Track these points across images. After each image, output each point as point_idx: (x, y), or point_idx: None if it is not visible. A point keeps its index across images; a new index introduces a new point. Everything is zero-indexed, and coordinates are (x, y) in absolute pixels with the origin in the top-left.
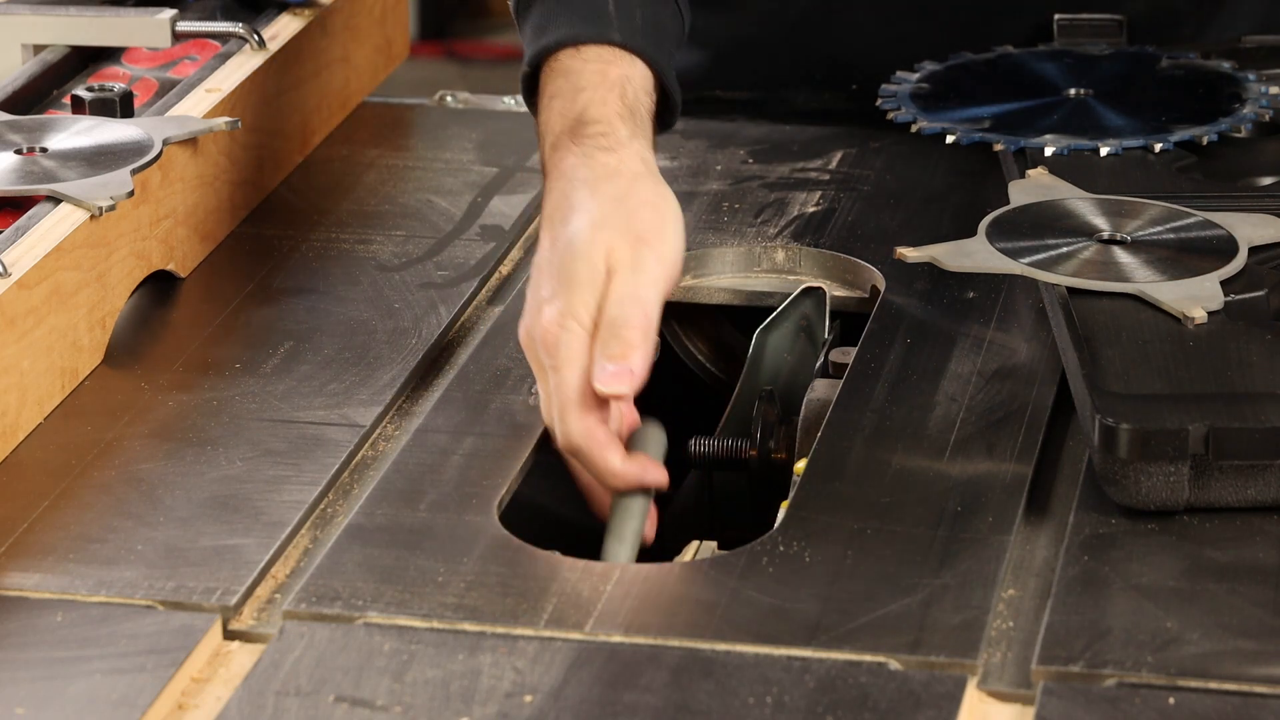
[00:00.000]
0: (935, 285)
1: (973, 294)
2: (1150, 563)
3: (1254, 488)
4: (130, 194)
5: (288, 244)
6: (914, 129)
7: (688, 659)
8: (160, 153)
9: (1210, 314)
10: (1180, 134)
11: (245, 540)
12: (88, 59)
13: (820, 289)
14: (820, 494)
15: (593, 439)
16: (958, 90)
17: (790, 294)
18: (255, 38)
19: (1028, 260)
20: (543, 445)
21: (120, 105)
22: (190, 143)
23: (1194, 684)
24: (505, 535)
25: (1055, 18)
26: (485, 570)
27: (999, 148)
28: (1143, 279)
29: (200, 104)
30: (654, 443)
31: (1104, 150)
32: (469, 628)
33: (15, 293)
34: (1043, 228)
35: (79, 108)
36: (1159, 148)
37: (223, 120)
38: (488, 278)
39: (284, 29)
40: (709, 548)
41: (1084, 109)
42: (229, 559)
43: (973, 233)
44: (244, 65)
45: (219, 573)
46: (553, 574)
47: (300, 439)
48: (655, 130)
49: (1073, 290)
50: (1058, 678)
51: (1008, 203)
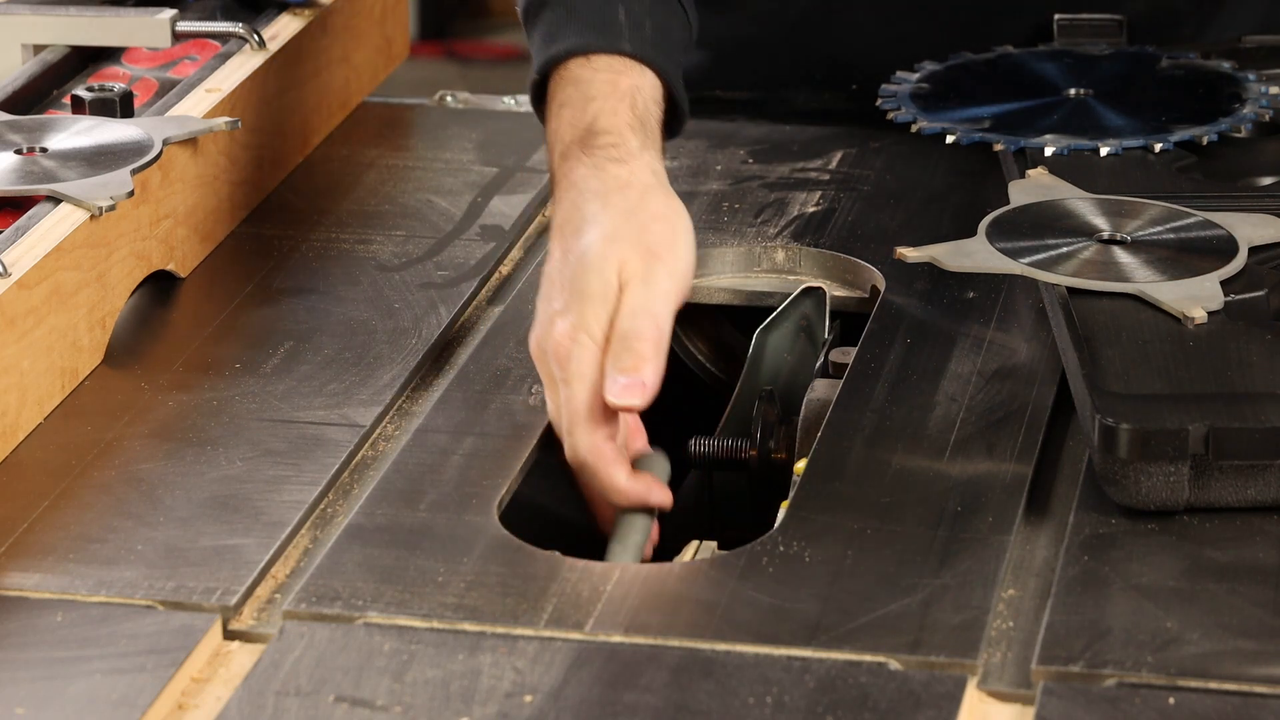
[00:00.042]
0: (935, 285)
1: (973, 294)
2: (1150, 563)
3: (1254, 488)
4: (130, 194)
5: (288, 244)
6: (914, 129)
7: (688, 659)
8: (160, 153)
9: (1210, 314)
10: (1180, 134)
11: (245, 540)
12: (88, 59)
13: (820, 289)
14: (820, 494)
15: (599, 455)
16: (958, 90)
17: (790, 294)
18: (255, 38)
19: (1028, 260)
20: (543, 445)
21: (120, 105)
22: (190, 143)
23: (1194, 684)
24: (505, 535)
25: (1055, 18)
26: (485, 570)
27: (999, 148)
28: (1143, 279)
29: (200, 104)
30: (659, 467)
31: (1104, 150)
32: (469, 628)
33: (15, 293)
34: (1043, 228)
35: (79, 108)
36: (1159, 148)
37: (223, 120)
38: (488, 278)
39: (284, 29)
40: (709, 548)
41: (1084, 109)
42: (229, 559)
43: (973, 233)
44: (244, 65)
45: (219, 573)
46: (553, 574)
47: (300, 439)
48: (664, 138)
49: (1073, 290)
50: (1058, 678)
51: (1008, 203)
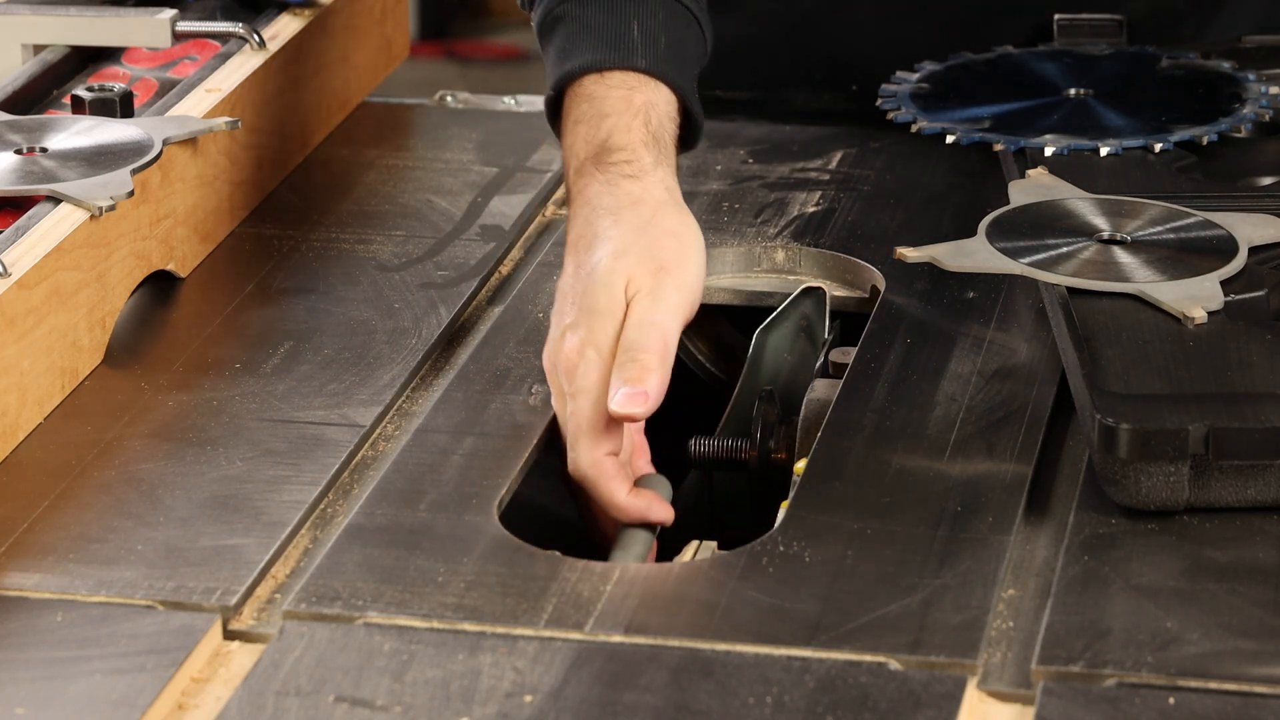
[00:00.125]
0: (935, 285)
1: (973, 294)
2: (1150, 563)
3: (1254, 488)
4: (130, 194)
5: (288, 244)
6: (914, 129)
7: (688, 659)
8: (160, 153)
9: (1210, 314)
10: (1180, 134)
11: (245, 540)
12: (88, 59)
13: (820, 289)
14: (820, 494)
15: (600, 469)
16: (958, 90)
17: (790, 294)
18: (255, 38)
19: (1028, 260)
20: (543, 445)
21: (120, 105)
22: (190, 143)
23: (1194, 684)
24: (505, 535)
25: (1055, 18)
26: (485, 570)
27: (999, 148)
28: (1143, 279)
29: (200, 104)
30: (661, 486)
31: (1104, 150)
32: (469, 628)
33: (15, 293)
34: (1043, 228)
35: (79, 108)
36: (1159, 148)
37: (223, 120)
38: (488, 278)
39: (284, 29)
40: (709, 548)
41: (1084, 109)
42: (229, 559)
43: (973, 233)
44: (244, 65)
45: (219, 573)
46: (553, 574)
47: (300, 439)
48: (678, 151)
49: (1073, 290)
50: (1058, 678)
51: (1008, 203)
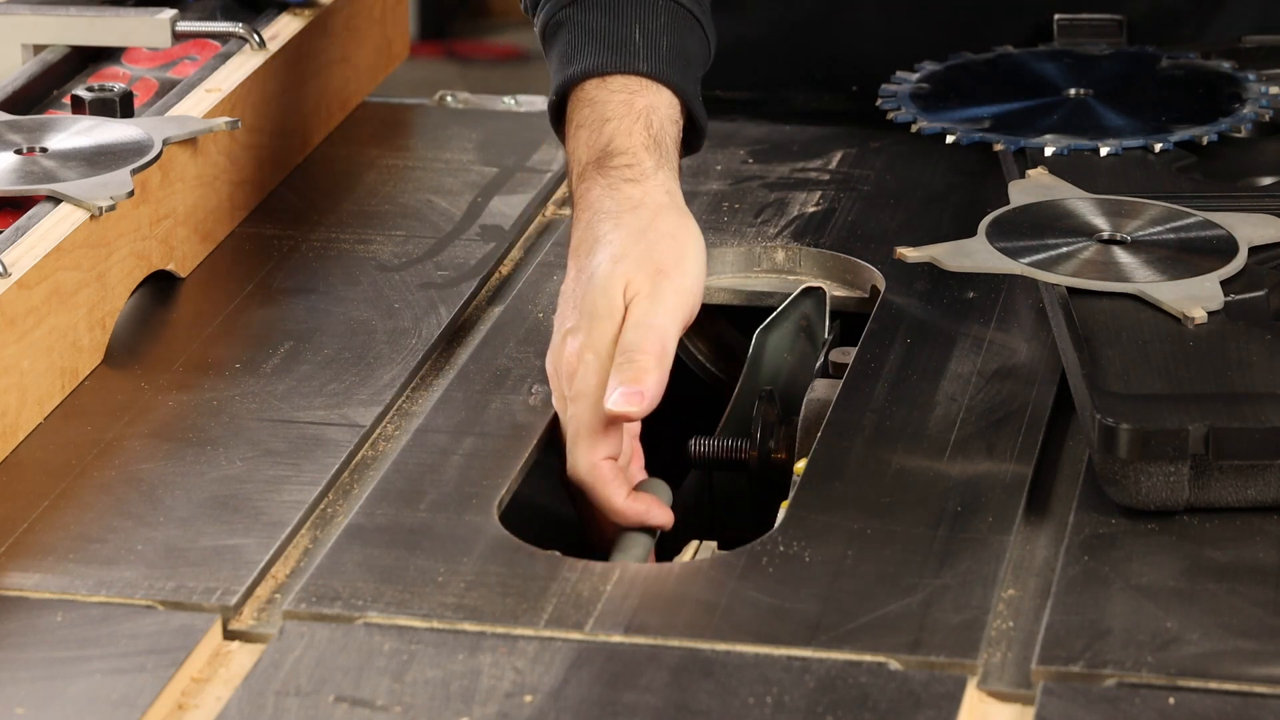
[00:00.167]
0: (935, 285)
1: (973, 294)
2: (1150, 563)
3: (1254, 488)
4: (130, 194)
5: (288, 244)
6: (914, 129)
7: (688, 659)
8: (160, 153)
9: (1210, 314)
10: (1180, 134)
11: (245, 540)
12: (88, 59)
13: (820, 289)
14: (820, 494)
15: (598, 473)
16: (958, 90)
17: (790, 294)
18: (255, 38)
19: (1028, 260)
20: (543, 445)
21: (120, 105)
22: (190, 143)
23: (1194, 684)
24: (505, 535)
25: (1055, 18)
26: (485, 570)
27: (999, 148)
28: (1143, 279)
29: (200, 104)
30: (660, 491)
31: (1104, 150)
32: (469, 628)
33: (15, 293)
34: (1043, 228)
35: (79, 108)
36: (1159, 148)
37: (223, 120)
38: (488, 278)
39: (284, 29)
40: (709, 548)
41: (1084, 109)
42: (229, 559)
43: (973, 233)
44: (244, 65)
45: (219, 573)
46: (553, 574)
47: (300, 439)
48: (682, 155)
49: (1073, 290)
50: (1058, 678)
51: (1008, 203)
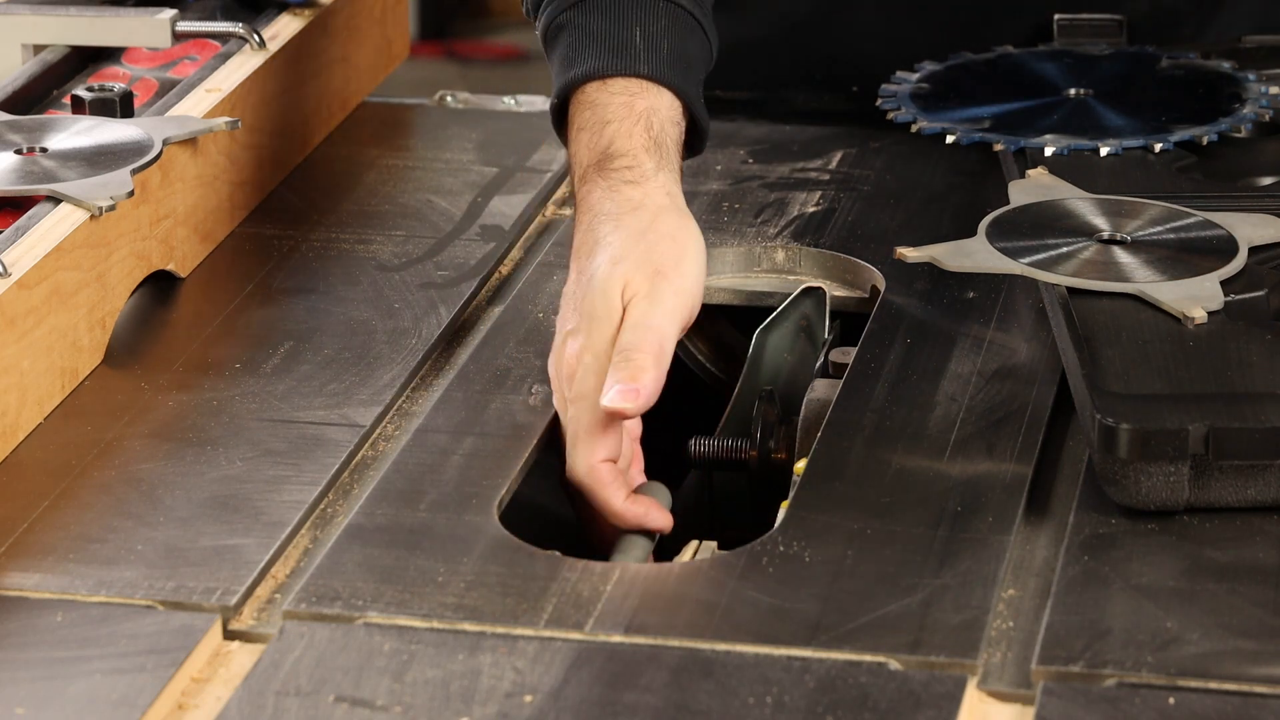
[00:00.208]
0: (935, 285)
1: (973, 294)
2: (1150, 563)
3: (1254, 488)
4: (130, 194)
5: (288, 244)
6: (914, 129)
7: (688, 659)
8: (160, 153)
9: (1210, 314)
10: (1180, 134)
11: (245, 540)
12: (88, 59)
13: (820, 289)
14: (820, 494)
15: (596, 475)
16: (958, 90)
17: (790, 294)
18: (255, 38)
19: (1028, 260)
20: (543, 445)
21: (120, 105)
22: (190, 143)
23: (1194, 684)
24: (505, 535)
25: (1055, 18)
26: (485, 570)
27: (999, 148)
28: (1143, 279)
29: (200, 104)
30: (660, 494)
31: (1104, 150)
32: (469, 628)
33: (15, 293)
34: (1043, 228)
35: (79, 108)
36: (1159, 148)
37: (223, 120)
38: (488, 278)
39: (284, 29)
40: (709, 548)
41: (1084, 109)
42: (229, 559)
43: (973, 233)
44: (244, 65)
45: (219, 573)
46: (553, 574)
47: (300, 439)
48: (684, 156)
49: (1073, 290)
50: (1058, 678)
51: (1008, 203)
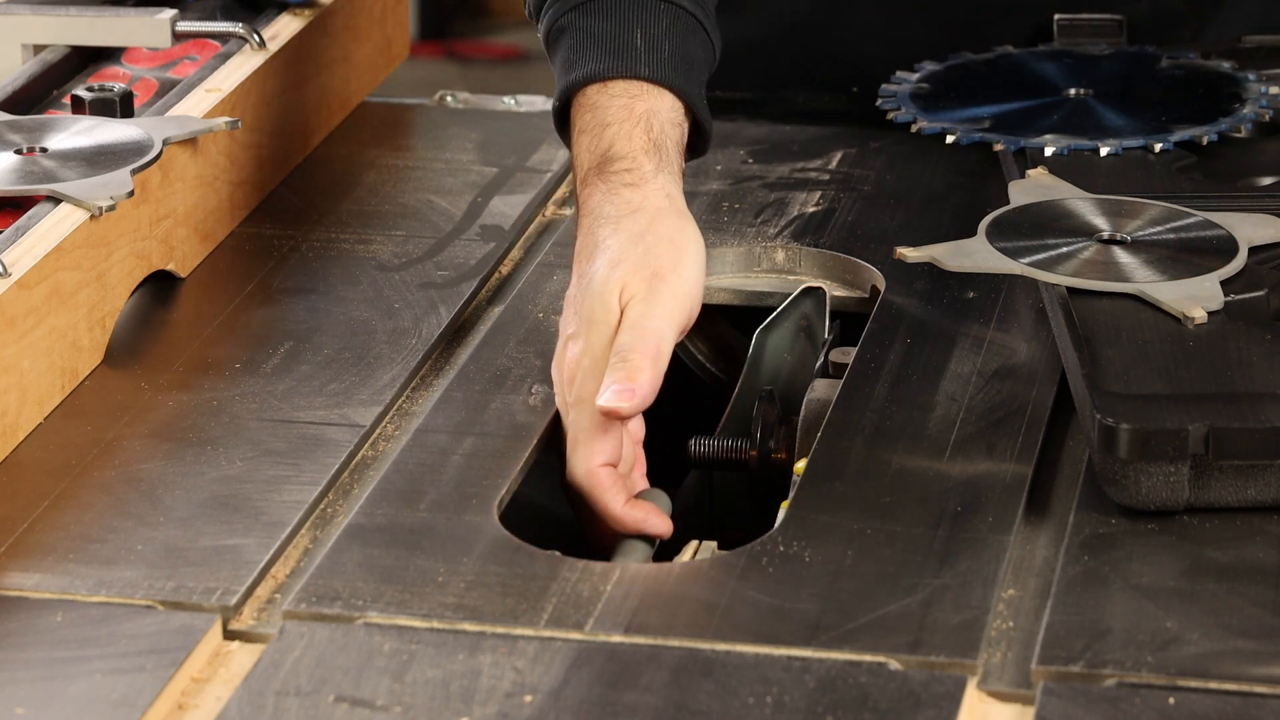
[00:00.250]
0: (935, 285)
1: (973, 294)
2: (1150, 563)
3: (1254, 488)
4: (130, 194)
5: (288, 244)
6: (914, 129)
7: (688, 659)
8: (160, 153)
9: (1210, 314)
10: (1180, 134)
11: (245, 540)
12: (88, 59)
13: (820, 289)
14: (820, 494)
15: (595, 479)
16: (958, 90)
17: (790, 294)
18: (255, 38)
19: (1028, 260)
20: (543, 445)
21: (120, 105)
22: (190, 143)
23: (1194, 684)
24: (505, 535)
25: (1055, 18)
26: (485, 570)
27: (999, 148)
28: (1143, 279)
29: (200, 104)
30: (660, 500)
31: (1104, 150)
32: (469, 628)
33: (15, 293)
34: (1043, 228)
35: (79, 108)
36: (1159, 148)
37: (223, 120)
38: (488, 278)
39: (284, 29)
40: (709, 548)
41: (1084, 109)
42: (229, 559)
43: (973, 233)
44: (244, 65)
45: (219, 573)
46: (553, 574)
47: (300, 439)
48: (688, 158)
49: (1073, 290)
50: (1058, 678)
51: (1008, 203)
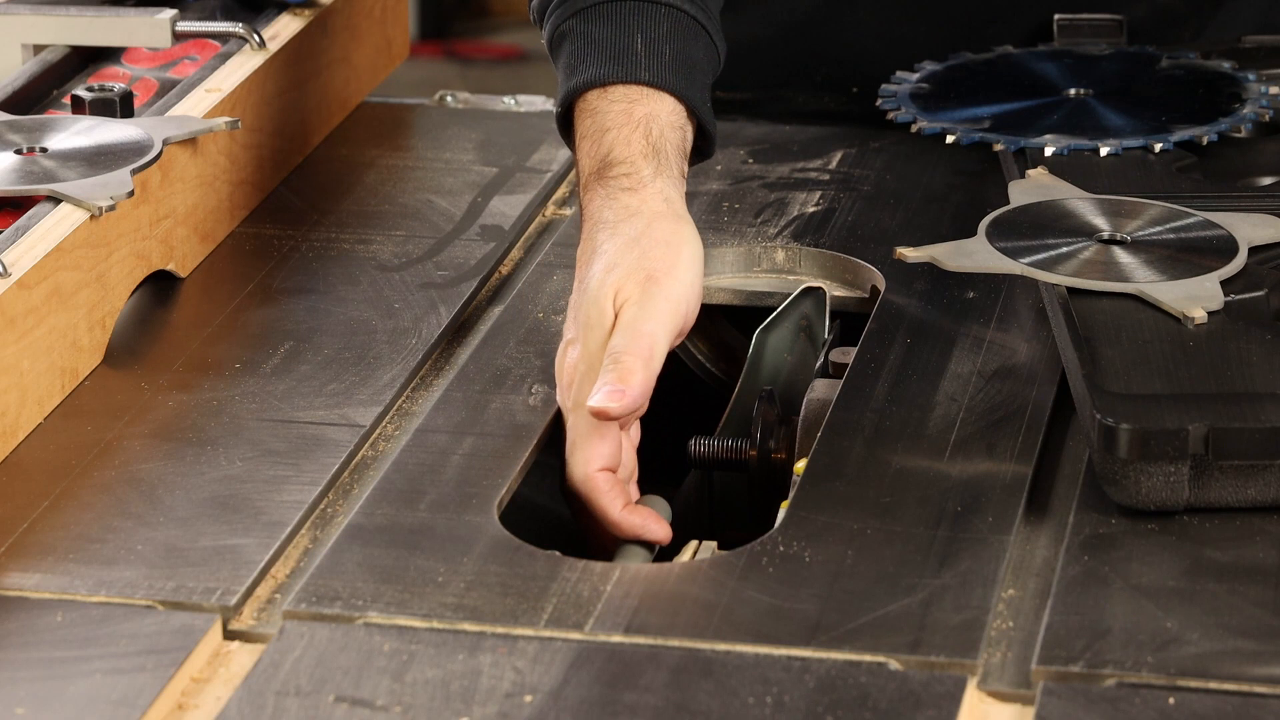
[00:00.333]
0: (935, 285)
1: (973, 294)
2: (1150, 563)
3: (1254, 488)
4: (130, 194)
5: (288, 244)
6: (914, 129)
7: (688, 659)
8: (160, 153)
9: (1210, 314)
10: (1180, 134)
11: (245, 540)
12: (88, 59)
13: (820, 289)
14: (820, 494)
15: (592, 483)
16: (958, 90)
17: (790, 294)
18: (255, 38)
19: (1028, 260)
20: (543, 445)
21: (120, 105)
22: (190, 143)
23: (1194, 684)
24: (505, 535)
25: (1055, 18)
26: (485, 570)
27: (999, 148)
28: (1143, 279)
29: (200, 104)
30: (659, 506)
31: (1104, 150)
32: (469, 628)
33: (15, 293)
34: (1043, 228)
35: (79, 108)
36: (1159, 148)
37: (223, 120)
38: (488, 278)
39: (284, 29)
40: (709, 548)
41: (1084, 109)
42: (229, 559)
43: (973, 233)
44: (244, 65)
45: (219, 573)
46: (553, 574)
47: (300, 439)
48: (694, 161)
49: (1073, 290)
50: (1058, 678)
51: (1008, 203)
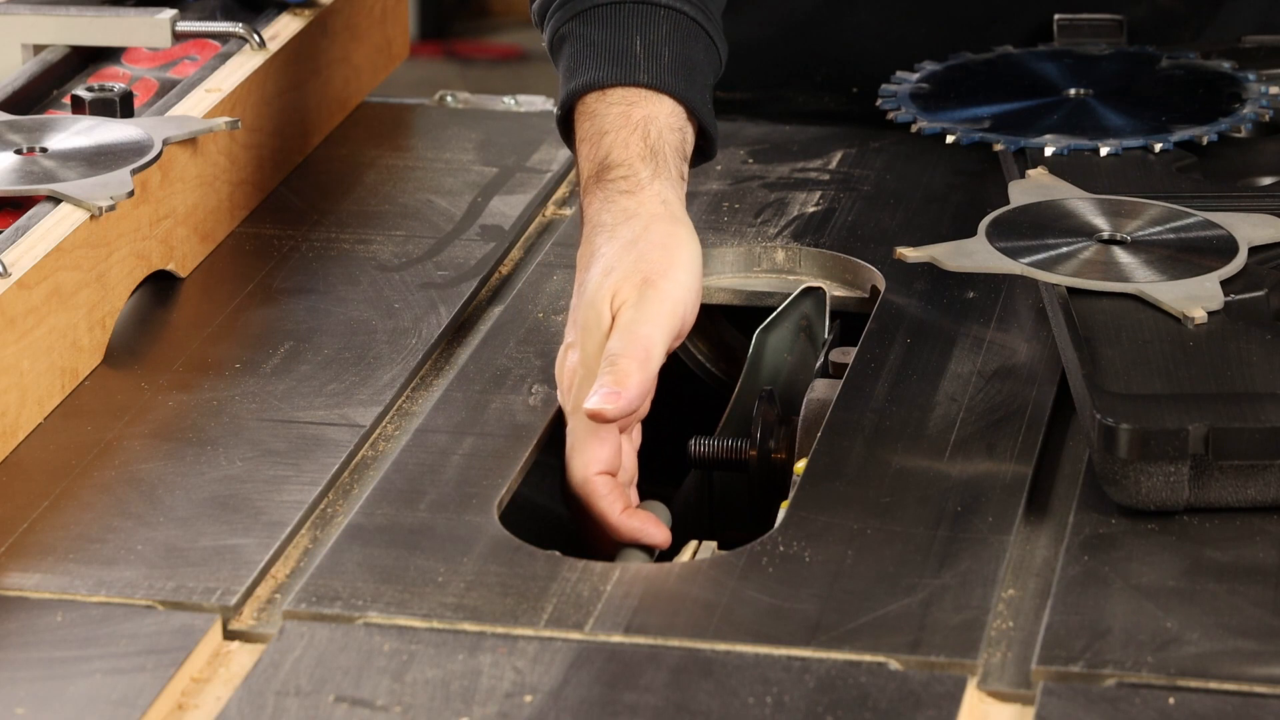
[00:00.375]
0: (935, 285)
1: (973, 294)
2: (1150, 563)
3: (1254, 488)
4: (130, 194)
5: (288, 244)
6: (914, 129)
7: (688, 659)
8: (160, 153)
9: (1210, 314)
10: (1180, 134)
11: (245, 540)
12: (88, 59)
13: (820, 289)
14: (820, 494)
15: (591, 486)
16: (958, 90)
17: (790, 294)
18: (255, 38)
19: (1028, 260)
20: (543, 445)
21: (120, 105)
22: (190, 143)
23: (1194, 684)
24: (505, 535)
25: (1055, 18)
26: (485, 570)
27: (999, 148)
28: (1143, 279)
29: (200, 104)
30: (659, 511)
31: (1104, 150)
32: (469, 628)
33: (15, 293)
34: (1043, 228)
35: (79, 108)
36: (1159, 148)
37: (223, 120)
38: (488, 278)
39: (284, 29)
40: (709, 548)
41: (1084, 109)
42: (229, 559)
43: (973, 233)
44: (244, 65)
45: (219, 573)
46: (553, 574)
47: (300, 439)
48: (695, 162)
49: (1073, 290)
50: (1058, 678)
51: (1008, 203)
